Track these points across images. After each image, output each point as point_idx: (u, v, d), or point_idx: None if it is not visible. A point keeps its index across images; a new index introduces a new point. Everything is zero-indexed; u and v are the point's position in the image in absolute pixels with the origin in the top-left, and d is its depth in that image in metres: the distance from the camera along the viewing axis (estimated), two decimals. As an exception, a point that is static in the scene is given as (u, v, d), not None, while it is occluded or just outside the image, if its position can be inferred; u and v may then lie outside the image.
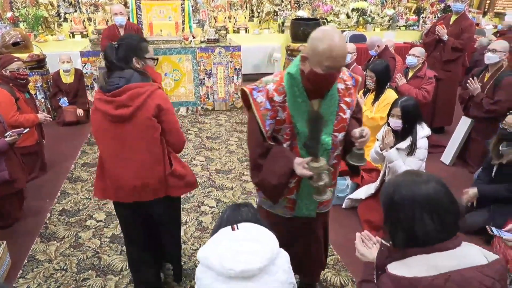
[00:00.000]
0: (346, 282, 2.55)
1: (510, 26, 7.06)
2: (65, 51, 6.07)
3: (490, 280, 1.04)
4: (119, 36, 5.04)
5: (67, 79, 5.37)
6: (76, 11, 7.18)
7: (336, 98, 1.77)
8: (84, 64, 5.37)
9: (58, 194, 3.61)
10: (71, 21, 6.88)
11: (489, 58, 3.81)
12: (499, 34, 6.79)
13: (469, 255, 1.09)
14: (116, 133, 1.98)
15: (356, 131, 1.72)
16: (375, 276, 1.29)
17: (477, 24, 8.35)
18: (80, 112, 5.36)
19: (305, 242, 2.13)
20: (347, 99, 1.81)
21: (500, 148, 2.91)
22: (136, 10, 5.70)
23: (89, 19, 7.01)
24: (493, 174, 3.01)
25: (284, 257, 1.45)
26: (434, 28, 4.79)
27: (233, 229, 1.42)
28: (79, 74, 5.43)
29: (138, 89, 1.95)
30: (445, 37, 4.65)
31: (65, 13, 7.19)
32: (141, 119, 1.96)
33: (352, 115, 1.88)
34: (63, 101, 5.30)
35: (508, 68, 3.91)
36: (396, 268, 1.11)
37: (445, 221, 1.09)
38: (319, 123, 1.60)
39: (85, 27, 6.92)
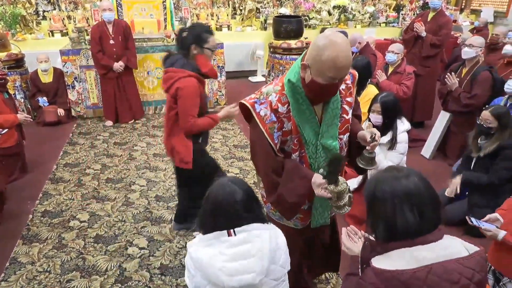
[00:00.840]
0: (331, 275, 2.59)
1: (486, 22, 7.25)
2: (45, 49, 5.94)
3: (470, 272, 1.07)
4: (108, 34, 4.97)
5: (46, 78, 5.26)
6: (55, 9, 7.01)
7: (338, 100, 1.69)
8: (64, 63, 5.26)
9: (40, 195, 3.55)
10: (50, 19, 6.73)
11: (466, 52, 3.91)
12: (476, 31, 6.96)
13: (450, 247, 1.12)
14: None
15: (367, 135, 1.66)
16: (360, 269, 1.32)
17: (455, 21, 8.53)
18: (61, 112, 5.27)
19: (321, 247, 2.06)
20: (348, 99, 1.74)
21: (479, 141, 3.01)
22: (117, 8, 5.61)
23: (69, 17, 6.86)
24: (472, 166, 3.11)
25: (282, 248, 1.44)
26: (413, 25, 4.89)
27: (229, 234, 1.38)
28: (58, 73, 5.33)
29: (171, 73, 2.40)
30: (424, 34, 4.75)
31: (44, 11, 7.02)
32: (168, 97, 2.45)
33: (352, 112, 1.81)
34: (43, 101, 5.20)
35: (484, 64, 4.02)
36: (380, 262, 1.13)
37: (426, 214, 1.11)
38: (338, 164, 1.56)
39: (65, 25, 6.77)
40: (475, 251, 1.13)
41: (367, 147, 1.68)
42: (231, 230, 1.38)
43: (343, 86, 1.72)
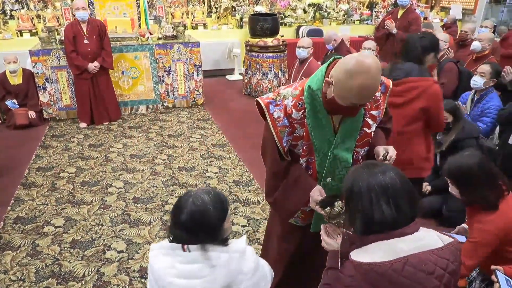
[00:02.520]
0: None
1: (455, 19, 7.49)
2: (13, 50, 5.73)
3: (445, 262, 1.10)
4: (82, 33, 4.83)
5: (15, 80, 5.07)
6: (23, 8, 6.78)
7: (361, 113, 1.60)
8: (34, 64, 5.09)
9: (12, 201, 3.42)
10: (18, 18, 6.50)
11: None
12: (445, 28, 7.17)
13: (426, 239, 1.15)
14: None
15: (381, 152, 1.58)
16: (339, 263, 1.34)
17: (425, 18, 8.76)
18: (32, 114, 5.10)
19: (322, 256, 1.95)
20: (374, 112, 1.63)
21: (437, 137, 3.14)
22: (89, 6, 5.48)
23: (38, 16, 6.65)
24: (437, 162, 3.21)
25: (245, 273, 1.37)
26: (384, 23, 5.02)
27: (183, 249, 1.33)
28: (27, 75, 5.14)
29: (413, 83, 2.29)
30: (394, 31, 4.90)
31: (11, 10, 6.77)
32: (408, 110, 2.30)
33: (379, 124, 1.71)
34: (11, 103, 5.00)
35: (450, 58, 4.17)
36: (358, 255, 1.15)
37: (402, 208, 1.14)
38: (335, 200, 1.51)
39: (34, 25, 6.56)
40: (449, 242, 1.16)
41: None
42: (185, 246, 1.33)
43: None
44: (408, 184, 1.18)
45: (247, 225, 3.11)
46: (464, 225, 2.12)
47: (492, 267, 1.63)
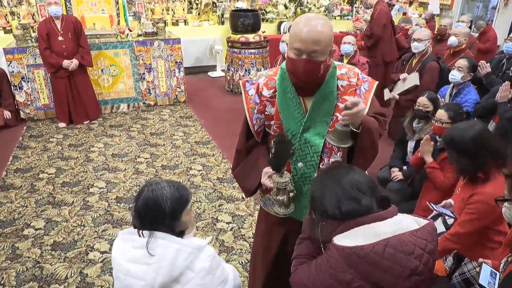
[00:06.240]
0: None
1: (432, 15, 7.65)
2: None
3: (423, 242, 1.15)
4: (56, 30, 4.69)
5: (-14, 82, 4.92)
6: (-5, 4, 6.57)
7: (333, 97, 1.58)
8: (9, 62, 4.93)
9: (-11, 204, 3.34)
10: (-10, 15, 6.30)
11: (417, 47, 4.09)
12: (425, 23, 7.30)
13: (404, 222, 1.20)
14: None
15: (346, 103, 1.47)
16: (323, 249, 1.36)
17: (405, 13, 8.92)
18: (7, 114, 4.95)
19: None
20: (348, 98, 1.57)
21: (414, 125, 3.19)
22: (65, 3, 5.34)
23: (12, 13, 6.45)
24: (408, 149, 3.28)
25: (195, 271, 1.35)
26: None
27: (139, 234, 1.36)
28: (1, 74, 4.98)
29: None
30: (364, 28, 5.27)
31: (-17, 6, 6.55)
32: None
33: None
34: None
35: (432, 54, 4.24)
36: (341, 239, 1.19)
37: (369, 199, 1.20)
38: (284, 149, 1.50)
39: (8, 22, 6.36)
40: (426, 223, 1.22)
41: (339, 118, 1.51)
42: (140, 231, 1.35)
43: (344, 83, 1.60)
44: (368, 178, 1.26)
45: (232, 221, 3.11)
46: (450, 200, 2.16)
47: (480, 260, 1.67)
